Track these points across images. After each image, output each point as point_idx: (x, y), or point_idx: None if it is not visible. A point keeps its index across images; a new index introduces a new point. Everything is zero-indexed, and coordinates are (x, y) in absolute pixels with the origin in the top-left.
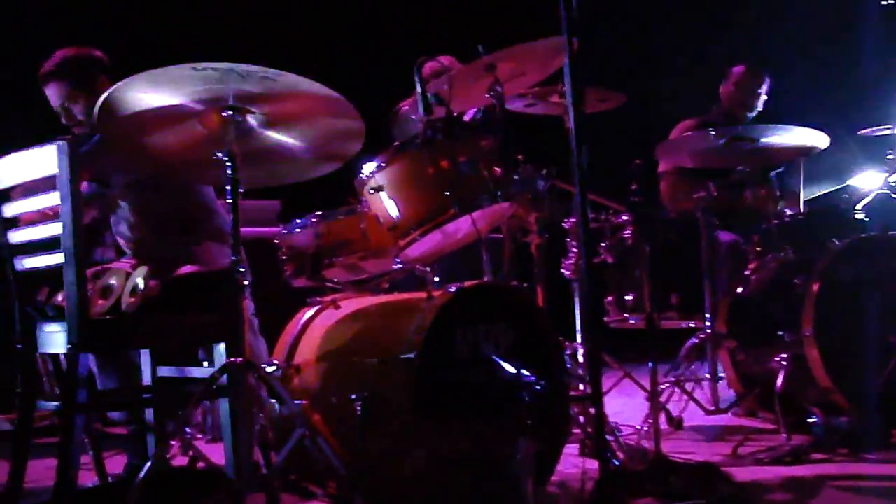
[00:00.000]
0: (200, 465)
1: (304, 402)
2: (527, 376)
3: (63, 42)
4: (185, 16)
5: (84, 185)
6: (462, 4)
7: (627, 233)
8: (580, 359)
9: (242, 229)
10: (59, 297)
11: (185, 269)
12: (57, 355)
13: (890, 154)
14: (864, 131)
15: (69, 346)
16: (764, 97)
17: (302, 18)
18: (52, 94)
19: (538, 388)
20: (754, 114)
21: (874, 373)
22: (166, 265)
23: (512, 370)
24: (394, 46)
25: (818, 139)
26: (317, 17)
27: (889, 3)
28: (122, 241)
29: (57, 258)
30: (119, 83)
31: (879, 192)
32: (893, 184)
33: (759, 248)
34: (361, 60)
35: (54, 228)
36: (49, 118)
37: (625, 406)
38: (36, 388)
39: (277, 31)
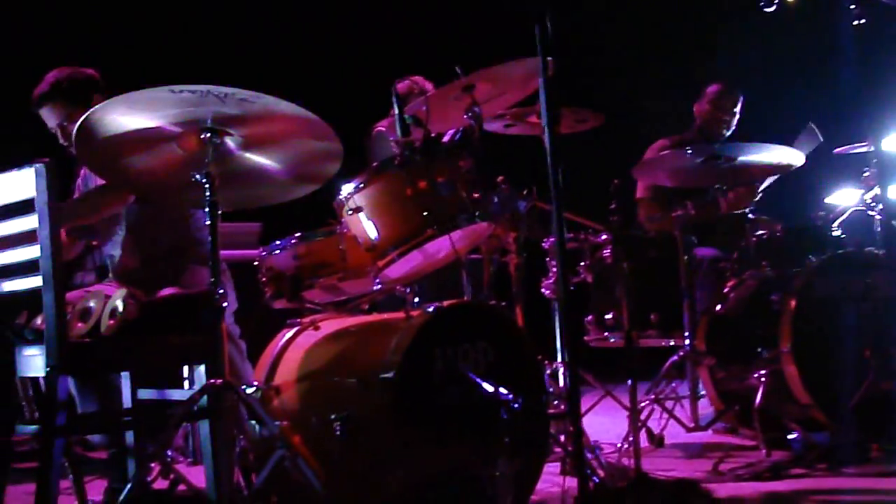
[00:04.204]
0: (181, 487)
1: (283, 423)
2: (505, 395)
3: (38, 66)
4: (162, 39)
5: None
6: (440, 25)
7: (607, 252)
8: (561, 378)
9: (223, 252)
10: (38, 321)
11: (165, 291)
12: (36, 379)
13: (866, 171)
14: (840, 149)
15: (48, 369)
16: (738, 115)
17: (280, 40)
18: (48, 115)
19: (516, 406)
20: (730, 132)
21: (852, 388)
22: (150, 288)
23: (490, 389)
24: (372, 68)
25: (794, 157)
26: (294, 38)
27: (861, 23)
28: (109, 263)
29: (35, 281)
30: (96, 106)
31: (856, 209)
32: (869, 201)
33: (737, 266)
34: (339, 82)
35: (33, 251)
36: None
37: (606, 424)
38: (15, 412)
39: (255, 53)
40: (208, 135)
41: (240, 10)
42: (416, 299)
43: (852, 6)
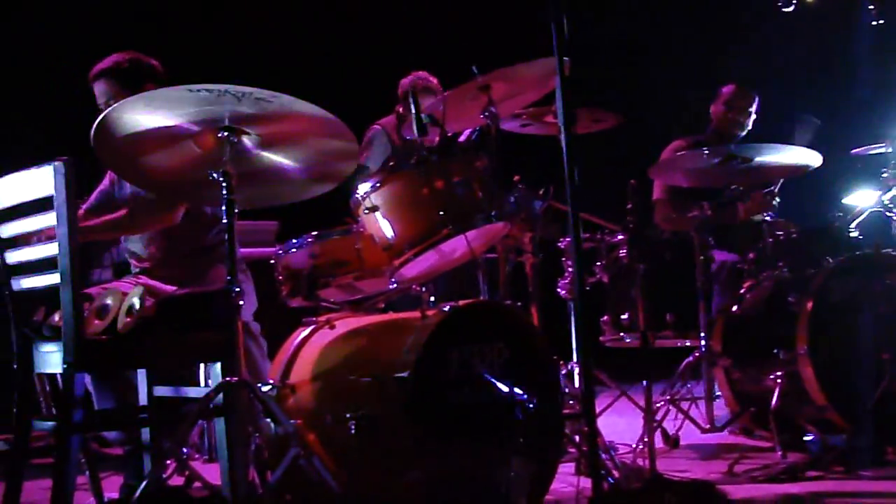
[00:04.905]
0: (197, 485)
1: (298, 421)
2: (519, 395)
3: (53, 66)
4: (180, 38)
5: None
6: (457, 25)
7: (623, 252)
8: (576, 378)
9: (243, 250)
10: (56, 317)
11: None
12: (54, 375)
13: (884, 172)
14: (858, 150)
15: (65, 365)
16: (754, 116)
17: (297, 40)
18: (100, 90)
19: (531, 406)
20: (745, 132)
21: (868, 390)
22: (174, 285)
23: (505, 389)
24: (388, 68)
25: (811, 158)
26: (312, 38)
27: (881, 23)
28: (132, 260)
29: (53, 278)
30: (114, 104)
31: (873, 210)
32: (887, 202)
33: (754, 267)
34: (357, 82)
35: (51, 249)
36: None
37: (621, 425)
38: (32, 408)
39: (273, 52)
40: (225, 133)
41: (257, 9)
42: (432, 298)
43: (871, 6)
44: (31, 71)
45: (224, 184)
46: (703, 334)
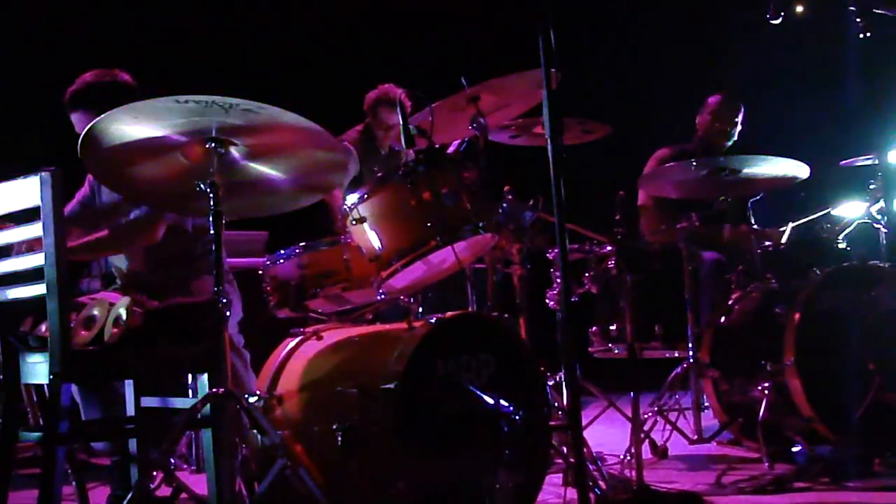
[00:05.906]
0: (184, 496)
1: (285, 432)
2: (505, 407)
3: (46, 73)
4: (167, 48)
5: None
6: (447, 36)
7: (611, 263)
8: (565, 389)
9: (230, 260)
10: (43, 328)
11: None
12: (40, 385)
13: (872, 184)
14: (846, 161)
15: (51, 376)
16: (740, 126)
17: (286, 51)
18: (77, 121)
19: (517, 418)
20: (731, 142)
21: (855, 401)
22: (159, 297)
23: (491, 401)
24: (380, 79)
25: (799, 170)
26: (300, 49)
27: (867, 36)
28: (115, 272)
29: (39, 289)
30: (102, 115)
31: (861, 221)
32: (875, 213)
33: (742, 278)
34: (345, 93)
35: (37, 259)
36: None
37: (609, 435)
38: (18, 419)
39: (260, 63)
40: (213, 144)
41: (245, 21)
42: (420, 310)
43: (858, 19)
44: (15, 79)
45: (211, 195)
46: (690, 345)
